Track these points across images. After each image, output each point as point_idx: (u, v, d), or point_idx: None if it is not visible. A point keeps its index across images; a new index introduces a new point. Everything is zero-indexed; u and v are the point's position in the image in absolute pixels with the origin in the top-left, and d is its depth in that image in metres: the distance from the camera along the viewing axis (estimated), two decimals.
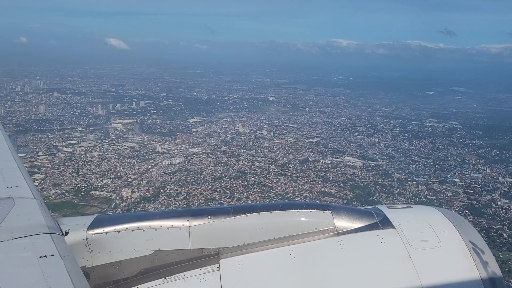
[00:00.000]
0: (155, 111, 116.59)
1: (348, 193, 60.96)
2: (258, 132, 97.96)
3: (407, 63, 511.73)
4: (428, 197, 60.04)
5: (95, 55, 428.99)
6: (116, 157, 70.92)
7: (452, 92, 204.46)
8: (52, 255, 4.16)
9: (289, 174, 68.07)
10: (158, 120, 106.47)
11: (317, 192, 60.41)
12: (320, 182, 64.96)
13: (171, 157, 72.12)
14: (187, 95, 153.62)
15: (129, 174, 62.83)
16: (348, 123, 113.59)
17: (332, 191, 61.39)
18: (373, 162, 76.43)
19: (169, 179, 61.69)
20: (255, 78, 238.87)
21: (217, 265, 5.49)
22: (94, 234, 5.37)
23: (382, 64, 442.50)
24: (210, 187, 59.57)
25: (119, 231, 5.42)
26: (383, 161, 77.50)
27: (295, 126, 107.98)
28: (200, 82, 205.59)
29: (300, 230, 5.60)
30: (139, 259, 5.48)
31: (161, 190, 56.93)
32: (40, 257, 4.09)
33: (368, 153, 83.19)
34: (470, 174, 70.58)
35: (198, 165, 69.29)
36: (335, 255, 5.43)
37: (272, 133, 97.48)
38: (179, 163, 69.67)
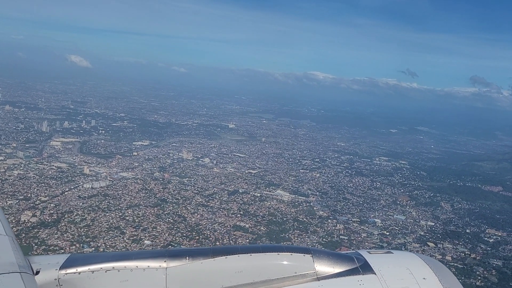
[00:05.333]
0: (103, 131, 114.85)
1: (262, 228, 60.04)
2: (201, 159, 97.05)
3: (382, 100, 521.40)
4: (341, 236, 59.61)
5: (70, 71, 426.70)
6: (37, 177, 68.77)
7: (416, 132, 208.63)
8: None
9: (211, 205, 66.93)
10: (103, 140, 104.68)
11: (230, 225, 59.27)
12: (239, 215, 63.93)
13: (95, 181, 70.31)
14: (147, 117, 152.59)
15: (41, 196, 60.72)
16: (297, 156, 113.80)
17: (247, 225, 60.35)
18: (303, 198, 76.05)
19: (81, 204, 59.84)
20: (226, 104, 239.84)
21: None
22: (66, 274, 5.25)
23: (358, 100, 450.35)
24: (120, 214, 57.86)
25: (93, 271, 5.29)
26: (313, 197, 77.22)
27: (242, 155, 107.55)
28: (167, 104, 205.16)
29: (280, 273, 5.54)
30: None
31: (66, 216, 54.99)
32: None
33: (303, 188, 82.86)
34: (393, 216, 70.68)
35: (120, 191, 67.63)
36: None
37: (215, 162, 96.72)
38: (101, 187, 67.86)
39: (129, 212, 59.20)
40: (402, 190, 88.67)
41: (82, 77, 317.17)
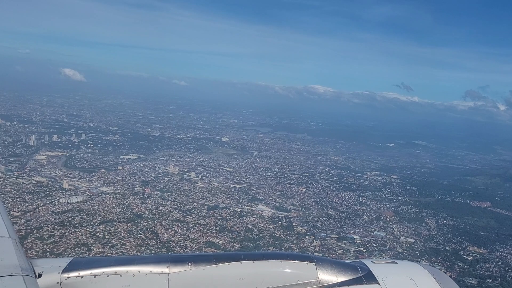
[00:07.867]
0: (92, 145, 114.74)
1: (236, 244, 59.08)
2: (187, 174, 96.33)
3: (383, 113, 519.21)
4: (315, 253, 58.32)
5: (72, 84, 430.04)
6: (14, 191, 68.42)
7: (413, 146, 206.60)
8: None
9: (187, 220, 66.12)
10: (89, 154, 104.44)
11: (203, 242, 58.37)
12: (214, 231, 63.06)
13: (72, 195, 69.79)
14: (140, 130, 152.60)
15: (13, 211, 60.11)
16: (286, 170, 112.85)
17: (220, 241, 59.44)
18: (284, 213, 75.04)
19: (52, 219, 59.22)
20: (224, 118, 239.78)
21: None
22: (68, 277, 5.25)
23: (358, 113, 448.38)
24: (91, 230, 57.15)
25: (95, 276, 5.28)
26: (295, 213, 76.20)
27: (230, 170, 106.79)
28: (164, 118, 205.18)
29: (282, 281, 5.53)
30: None
31: (35, 231, 54.35)
32: None
33: (286, 203, 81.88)
34: (373, 232, 69.42)
35: (96, 206, 67.01)
36: None
37: (200, 176, 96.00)
38: (77, 202, 67.29)
39: (101, 228, 58.43)
40: (388, 205, 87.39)
41: (82, 91, 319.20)
